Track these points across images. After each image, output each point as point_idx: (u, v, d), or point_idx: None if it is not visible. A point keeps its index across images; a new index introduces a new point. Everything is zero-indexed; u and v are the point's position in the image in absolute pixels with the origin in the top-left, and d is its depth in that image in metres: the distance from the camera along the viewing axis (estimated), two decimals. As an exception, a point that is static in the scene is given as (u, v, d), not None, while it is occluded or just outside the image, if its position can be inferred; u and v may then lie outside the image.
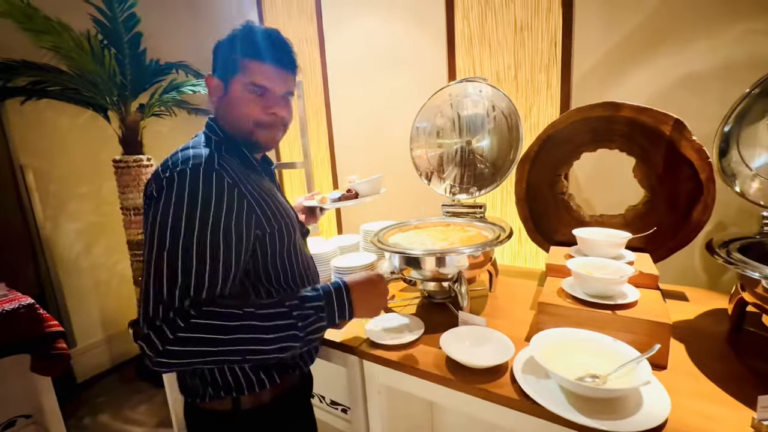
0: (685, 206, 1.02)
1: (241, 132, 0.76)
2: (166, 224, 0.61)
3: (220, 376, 0.73)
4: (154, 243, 0.61)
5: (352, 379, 0.98)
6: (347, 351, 0.98)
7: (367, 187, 1.20)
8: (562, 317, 0.87)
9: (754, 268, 0.72)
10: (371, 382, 0.96)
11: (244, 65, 0.72)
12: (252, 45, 0.72)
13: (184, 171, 0.64)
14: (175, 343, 0.57)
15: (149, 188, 0.66)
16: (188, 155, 0.67)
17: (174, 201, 0.62)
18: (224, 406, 0.75)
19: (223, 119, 0.77)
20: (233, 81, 0.73)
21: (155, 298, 0.59)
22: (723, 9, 1.20)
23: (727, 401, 0.70)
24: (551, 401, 0.69)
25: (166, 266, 0.60)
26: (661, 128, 1.00)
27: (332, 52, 2.10)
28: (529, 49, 1.59)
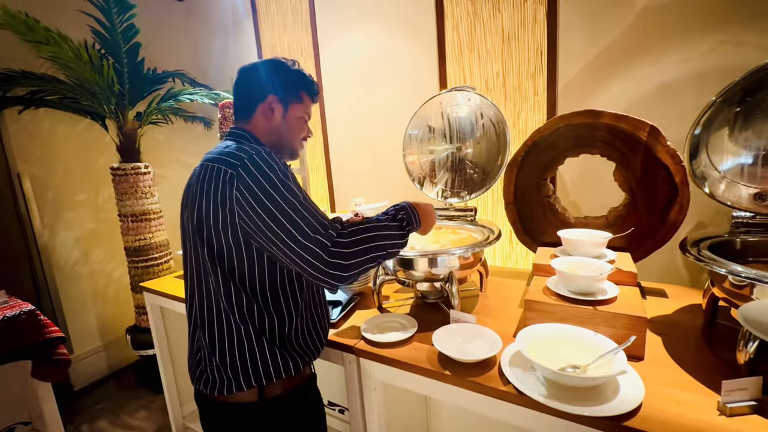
0: (662, 207, 1.08)
1: (288, 146, 0.91)
2: (270, 192, 0.72)
3: (251, 364, 0.78)
4: (272, 208, 0.71)
5: (350, 377, 1.03)
6: (345, 350, 1.02)
7: (372, 213, 1.29)
8: (548, 313, 0.92)
9: (720, 265, 0.78)
10: (368, 379, 1.00)
11: (304, 99, 0.91)
12: (309, 85, 0.92)
13: (257, 154, 0.75)
14: (337, 246, 0.73)
15: (224, 184, 0.73)
16: (245, 148, 0.77)
17: (262, 176, 0.73)
18: (250, 397, 0.80)
19: (267, 132, 0.88)
20: (294, 107, 0.89)
21: (306, 232, 0.72)
22: (696, 22, 1.27)
23: (698, 388, 0.75)
24: (536, 391, 0.74)
25: (294, 214, 0.72)
26: (638, 134, 1.06)
27: (327, 61, 2.16)
28: (516, 58, 1.65)
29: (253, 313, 0.78)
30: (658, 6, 1.32)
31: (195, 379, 0.84)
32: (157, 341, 1.66)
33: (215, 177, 0.75)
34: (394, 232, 0.82)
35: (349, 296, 1.22)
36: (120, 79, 1.99)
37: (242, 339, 0.78)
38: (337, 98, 2.17)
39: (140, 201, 2.08)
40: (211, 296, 0.79)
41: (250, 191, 0.71)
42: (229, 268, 0.77)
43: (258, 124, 0.87)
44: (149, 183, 2.12)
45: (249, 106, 0.87)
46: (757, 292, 0.73)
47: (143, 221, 2.10)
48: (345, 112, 2.16)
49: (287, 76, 0.89)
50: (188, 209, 0.81)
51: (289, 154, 0.93)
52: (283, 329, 0.81)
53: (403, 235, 0.84)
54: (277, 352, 0.80)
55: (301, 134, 0.93)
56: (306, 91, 0.91)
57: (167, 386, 1.72)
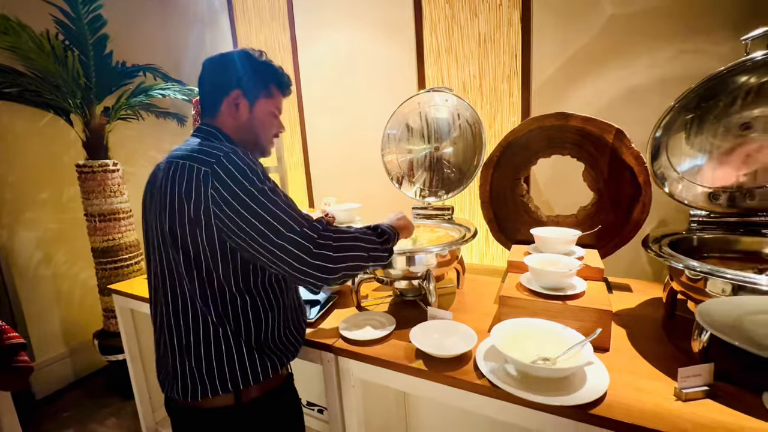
0: (626, 206, 1.14)
1: (259, 143, 0.88)
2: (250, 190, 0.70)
3: (228, 367, 0.77)
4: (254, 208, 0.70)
5: (328, 376, 1.03)
6: (323, 349, 1.02)
7: (344, 215, 1.30)
8: (521, 309, 0.95)
9: (678, 260, 0.83)
10: (346, 377, 1.01)
11: (274, 93, 0.87)
12: (279, 78, 0.88)
13: (233, 153, 0.73)
14: (324, 239, 0.74)
15: (198, 183, 0.71)
16: (219, 146, 0.74)
17: (240, 174, 0.70)
18: (226, 401, 0.78)
19: (236, 129, 0.84)
20: (262, 102, 0.85)
21: (293, 227, 0.72)
22: (660, 31, 1.34)
23: (658, 376, 0.80)
24: (509, 383, 0.76)
25: (278, 210, 0.71)
26: (605, 137, 1.11)
27: (305, 58, 2.14)
28: (492, 60, 1.69)
29: (230, 314, 0.77)
30: (625, 14, 1.39)
31: (166, 387, 0.81)
32: (128, 345, 1.60)
33: (187, 175, 0.72)
34: (374, 238, 0.85)
35: (327, 295, 1.22)
36: (86, 72, 1.90)
37: (219, 342, 0.76)
38: (316, 97, 2.16)
39: (108, 200, 1.99)
40: (186, 299, 0.76)
41: (228, 190, 0.69)
42: (207, 271, 0.74)
43: (225, 120, 0.84)
44: (118, 181, 2.03)
45: (214, 101, 0.84)
46: (709, 285, 0.78)
47: (112, 221, 2.01)
48: (324, 111, 2.15)
49: (254, 68, 0.84)
50: (155, 209, 0.77)
51: (260, 152, 0.90)
52: (260, 331, 0.80)
53: (384, 242, 0.87)
54: (255, 354, 0.79)
55: (271, 130, 0.89)
56: (275, 85, 0.87)
57: (138, 391, 1.66)
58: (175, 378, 0.79)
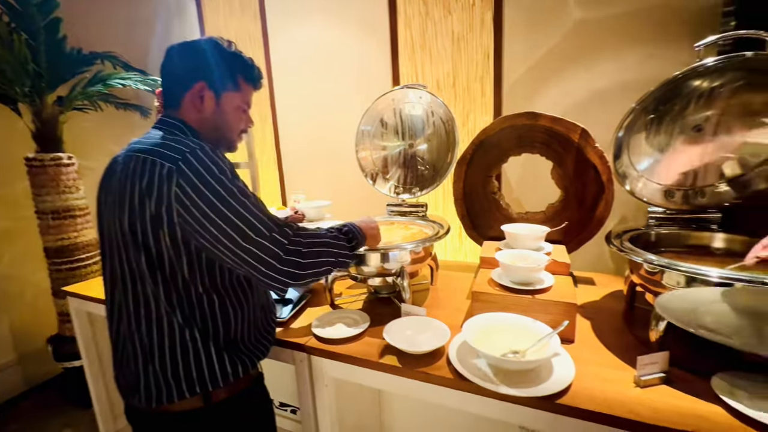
0: (591, 204, 1.19)
1: (224, 138, 0.84)
2: (217, 189, 0.67)
3: (195, 369, 0.73)
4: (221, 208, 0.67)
5: (301, 375, 1.01)
6: (295, 348, 1.00)
7: (314, 212, 1.30)
8: (492, 303, 0.97)
9: (637, 254, 0.88)
10: (319, 376, 0.99)
11: (242, 86, 0.83)
12: (249, 70, 0.84)
13: (200, 149, 0.69)
14: (295, 245, 0.73)
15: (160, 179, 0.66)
16: (185, 142, 0.70)
17: (208, 173, 0.67)
18: (194, 404, 0.75)
19: (200, 123, 0.80)
20: (228, 95, 0.81)
21: (261, 231, 0.70)
22: (624, 37, 1.40)
23: (620, 365, 0.83)
24: (480, 377, 0.77)
25: (247, 212, 0.69)
26: (571, 136, 1.15)
27: (278, 52, 2.09)
28: (465, 59, 1.71)
29: (197, 315, 0.73)
30: (590, 20, 1.44)
31: (127, 393, 0.77)
32: (85, 350, 1.50)
33: (149, 171, 0.67)
34: (343, 243, 0.86)
35: (299, 294, 1.20)
36: (36, 58, 1.76)
37: (186, 344, 0.73)
38: (288, 91, 2.11)
39: (63, 196, 1.86)
40: (149, 301, 0.72)
41: (194, 188, 0.66)
42: (171, 271, 0.70)
43: (189, 112, 0.79)
44: (73, 176, 1.90)
45: (177, 91, 0.79)
46: (666, 277, 0.83)
47: (67, 218, 1.88)
48: (296, 106, 2.10)
49: (222, 58, 0.80)
50: (112, 206, 0.72)
51: (226, 147, 0.86)
52: (229, 331, 0.77)
53: (352, 248, 0.88)
54: (225, 354, 0.76)
55: (239, 125, 0.86)
56: (245, 78, 0.83)
57: (97, 399, 1.57)
58: (137, 384, 0.74)
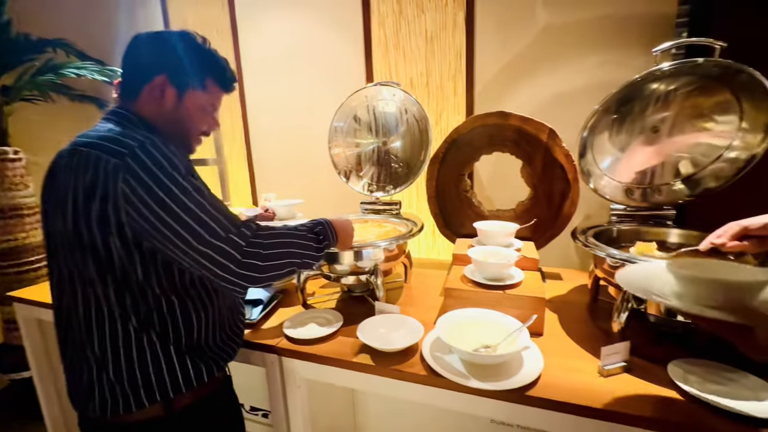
0: (558, 201, 1.23)
1: (183, 136, 0.79)
2: (169, 187, 0.63)
3: (155, 375, 0.69)
4: (173, 208, 0.63)
5: (272, 377, 0.98)
6: (266, 350, 0.97)
7: (284, 211, 1.25)
8: (465, 299, 0.98)
9: (600, 249, 0.91)
10: (291, 378, 0.97)
11: (211, 87, 0.79)
12: (222, 72, 0.80)
13: (151, 144, 0.64)
14: (253, 246, 0.69)
15: (105, 175, 0.62)
16: (133, 135, 0.65)
17: (159, 169, 0.63)
18: (155, 412, 0.70)
19: (157, 117, 0.75)
20: (192, 94, 0.76)
21: (217, 231, 0.66)
22: (588, 42, 1.46)
23: (585, 356, 0.87)
24: (453, 372, 0.78)
25: (202, 212, 0.65)
26: (539, 136, 1.19)
27: (247, 45, 2.02)
28: (438, 59, 1.73)
29: (154, 319, 0.69)
30: (557, 25, 1.50)
31: (80, 404, 0.72)
32: (34, 360, 1.39)
33: (93, 166, 0.62)
34: (311, 244, 0.81)
35: (270, 294, 1.16)
36: (-25, 43, 1.61)
37: (143, 349, 0.68)
38: (259, 85, 2.04)
39: (9, 193, 1.72)
40: (101, 305, 0.67)
41: (143, 185, 0.61)
42: (122, 273, 0.66)
43: (145, 105, 0.74)
44: (21, 172, 1.76)
45: (135, 83, 0.74)
46: (627, 271, 0.86)
47: (13, 218, 1.74)
48: (267, 101, 2.04)
49: (191, 55, 0.75)
50: (56, 205, 0.67)
51: (183, 147, 0.81)
52: (192, 333, 0.73)
53: (320, 248, 0.83)
54: (187, 358, 0.72)
55: (200, 126, 0.80)
56: (215, 79, 0.79)
57: (48, 412, 1.45)
58: (91, 394, 0.69)
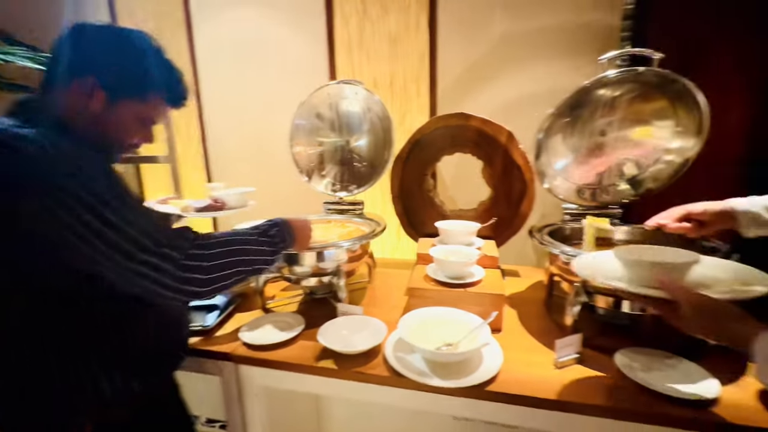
0: (516, 201, 1.27)
1: (106, 144, 0.68)
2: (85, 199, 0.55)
3: (75, 393, 0.62)
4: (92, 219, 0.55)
5: (227, 387, 0.93)
6: (221, 358, 0.91)
7: (235, 200, 1.15)
8: (428, 298, 0.99)
9: (554, 246, 0.95)
10: (248, 386, 0.92)
11: (154, 99, 0.69)
12: (172, 87, 0.71)
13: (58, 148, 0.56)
14: (193, 258, 0.63)
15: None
16: (37, 137, 0.56)
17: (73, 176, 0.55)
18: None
19: (78, 116, 0.64)
20: (129, 104, 0.67)
21: (146, 246, 0.59)
22: (544, 47, 1.53)
23: (542, 350, 0.90)
24: (415, 372, 0.78)
25: (126, 224, 0.58)
26: (498, 138, 1.23)
27: (204, 36, 1.91)
28: (402, 60, 1.73)
29: (78, 333, 0.63)
30: (514, 32, 1.56)
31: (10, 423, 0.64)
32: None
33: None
34: (263, 248, 0.75)
35: (227, 299, 1.10)
36: None
37: (64, 366, 0.62)
38: (216, 81, 1.95)
39: None
40: (10, 321, 0.60)
41: (54, 197, 0.53)
42: (36, 285, 0.59)
43: (65, 102, 0.64)
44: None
45: (60, 74, 0.64)
46: (578, 267, 0.91)
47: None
48: (226, 97, 1.95)
49: (142, 61, 0.65)
50: None
51: (109, 156, 0.71)
52: (122, 347, 0.67)
53: (274, 251, 0.78)
54: (117, 374, 0.65)
55: (129, 138, 0.70)
56: (162, 92, 0.70)
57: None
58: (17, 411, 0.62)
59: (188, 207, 1.05)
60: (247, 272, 0.72)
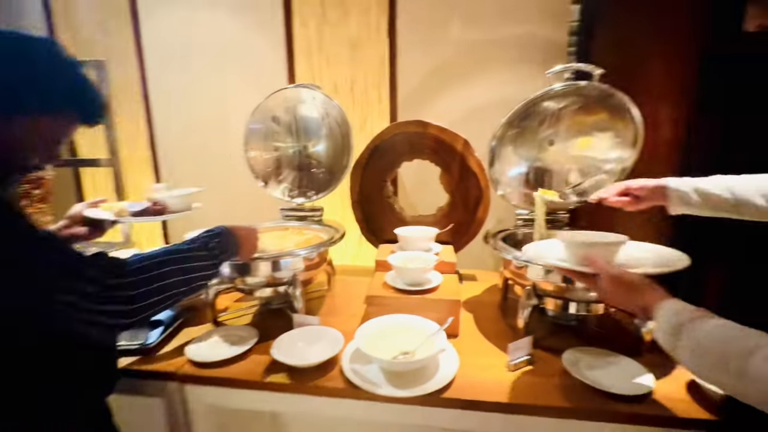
0: (473, 207, 1.31)
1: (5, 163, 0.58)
2: None
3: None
4: None
5: (171, 410, 0.86)
6: (164, 378, 0.85)
7: (177, 201, 1.04)
8: (386, 306, 0.98)
9: (507, 252, 0.99)
10: (195, 407, 0.86)
11: (65, 116, 0.60)
12: (87, 103, 0.62)
13: None
14: (116, 288, 0.58)
15: None
16: None
17: None
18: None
19: None
20: (25, 120, 0.56)
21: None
22: (499, 58, 1.59)
23: (497, 353, 0.92)
24: (371, 383, 0.77)
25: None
26: (455, 145, 1.26)
27: (152, 30, 1.80)
28: (362, 65, 1.73)
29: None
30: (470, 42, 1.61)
31: None
32: None
33: None
34: (201, 263, 0.71)
35: (174, 313, 1.03)
36: None
37: None
38: (168, 80, 1.84)
39: None
40: None
41: None
42: None
43: None
44: None
45: None
46: (529, 270, 0.94)
47: None
48: (177, 98, 1.85)
49: (38, 74, 0.56)
50: None
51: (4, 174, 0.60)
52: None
53: (215, 264, 0.74)
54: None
55: (30, 159, 0.61)
56: (65, 110, 0.60)
57: None
58: None
59: (123, 210, 0.95)
60: (185, 291, 0.67)
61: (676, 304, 0.56)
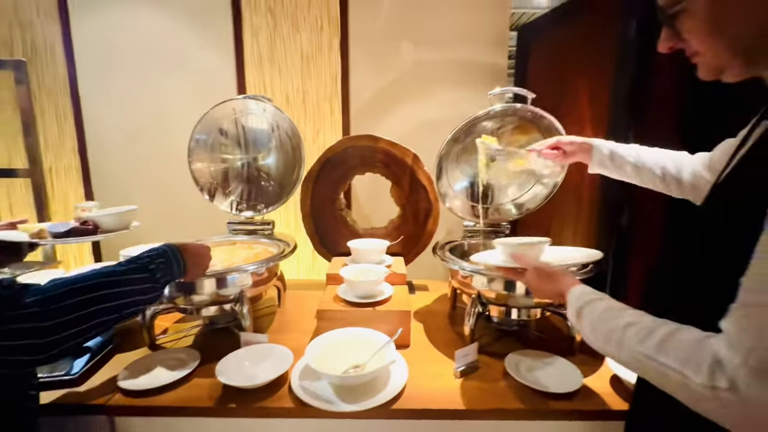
0: (423, 219, 1.35)
1: None
2: None
3: None
4: None
5: (99, 446, 0.78)
6: (90, 412, 0.77)
7: (111, 221, 0.96)
8: (338, 320, 0.97)
9: (454, 262, 1.03)
10: (127, 441, 0.79)
11: None
12: None
13: None
14: (22, 320, 0.51)
15: None
16: None
17: None
18: None
19: None
20: None
21: None
22: (446, 78, 1.70)
23: (446, 361, 0.95)
24: (321, 400, 0.76)
25: None
26: (405, 159, 1.30)
27: (85, 31, 1.67)
28: (315, 79, 1.74)
29: None
30: (419, 61, 1.69)
31: None
32: None
33: None
34: (138, 287, 0.66)
35: (102, 339, 0.94)
36: None
37: None
38: (101, 86, 1.70)
39: None
40: None
41: None
42: None
43: None
44: None
45: None
46: (474, 280, 0.99)
47: None
48: (113, 104, 1.72)
49: None
50: None
51: None
52: None
53: (155, 288, 0.69)
54: None
55: None
56: None
57: None
58: None
59: (44, 232, 0.86)
60: (115, 318, 0.62)
61: (581, 289, 0.63)
